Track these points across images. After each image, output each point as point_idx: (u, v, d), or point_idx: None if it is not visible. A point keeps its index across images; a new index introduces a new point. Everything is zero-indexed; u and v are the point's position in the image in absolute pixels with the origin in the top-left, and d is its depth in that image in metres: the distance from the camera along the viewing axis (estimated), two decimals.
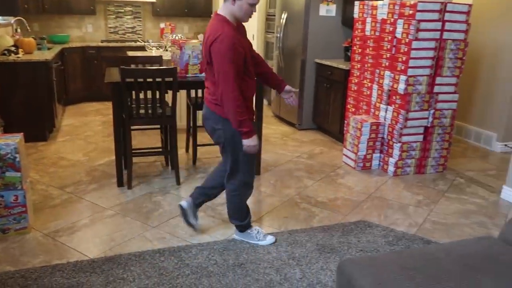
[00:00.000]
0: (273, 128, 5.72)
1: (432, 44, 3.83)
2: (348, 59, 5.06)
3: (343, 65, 4.89)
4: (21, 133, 2.93)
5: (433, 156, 4.15)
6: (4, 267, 2.49)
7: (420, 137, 4.08)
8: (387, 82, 4.09)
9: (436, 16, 3.78)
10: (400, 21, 3.86)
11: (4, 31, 5.30)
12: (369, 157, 4.21)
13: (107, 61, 6.67)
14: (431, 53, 3.85)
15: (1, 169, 2.73)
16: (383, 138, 4.20)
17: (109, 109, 6.24)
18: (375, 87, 4.27)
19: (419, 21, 3.74)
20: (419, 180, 3.99)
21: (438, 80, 3.95)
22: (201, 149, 4.63)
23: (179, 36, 5.68)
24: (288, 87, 2.85)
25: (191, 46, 3.76)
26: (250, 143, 2.47)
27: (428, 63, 3.87)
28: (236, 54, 2.35)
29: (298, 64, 5.49)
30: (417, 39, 3.77)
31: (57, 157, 4.34)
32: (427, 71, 3.89)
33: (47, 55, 5.02)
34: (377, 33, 4.19)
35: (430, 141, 4.10)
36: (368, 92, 4.38)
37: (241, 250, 2.71)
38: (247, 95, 2.50)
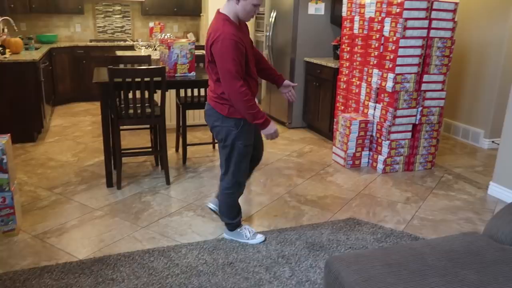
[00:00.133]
0: None
1: (419, 42, 3.86)
2: (337, 57, 5.09)
3: (332, 64, 4.91)
4: (8, 134, 2.90)
5: (421, 153, 4.19)
6: None
7: (408, 135, 4.11)
8: (375, 80, 4.11)
9: (423, 14, 3.81)
10: (388, 20, 3.89)
11: None
12: (358, 154, 4.23)
13: (96, 61, 6.63)
14: (418, 51, 3.88)
15: None
16: (372, 135, 4.22)
17: (98, 109, 6.20)
18: (363, 85, 4.30)
19: (406, 19, 3.77)
20: (407, 177, 4.03)
21: (426, 77, 3.99)
22: (191, 149, 4.63)
23: (168, 36, 5.66)
24: (287, 81, 2.87)
25: (180, 46, 3.76)
26: (268, 131, 2.53)
27: (416, 61, 3.90)
28: (238, 52, 2.36)
29: (288, 62, 5.50)
30: (404, 37, 3.80)
31: (45, 158, 4.31)
32: (415, 69, 3.92)
33: (35, 55, 4.98)
34: (365, 32, 4.22)
35: (418, 139, 4.14)
36: (357, 90, 4.40)
37: (230, 249, 2.72)
38: (254, 97, 2.54)
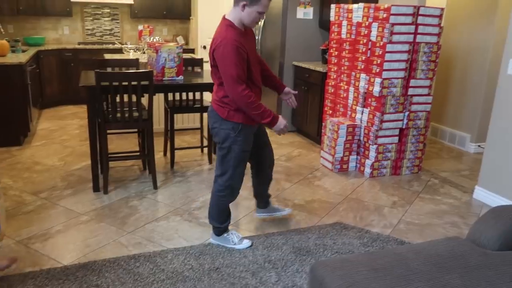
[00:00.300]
0: None
1: (406, 47, 3.89)
2: (325, 61, 5.11)
3: (320, 68, 4.93)
4: None
5: (408, 158, 4.22)
6: None
7: (396, 139, 4.14)
8: (362, 84, 4.14)
9: (409, 19, 3.85)
10: (375, 24, 3.92)
11: None
12: (346, 159, 4.25)
13: (84, 63, 6.59)
14: (405, 56, 3.91)
15: None
16: (359, 140, 4.25)
17: (86, 112, 6.14)
18: (351, 89, 4.33)
19: (393, 24, 3.80)
20: (394, 181, 4.05)
21: (412, 82, 4.02)
22: (179, 153, 4.61)
23: (156, 39, 5.65)
24: (287, 88, 2.92)
25: (167, 49, 3.75)
26: (278, 128, 2.60)
27: (402, 65, 3.94)
28: (239, 57, 2.39)
29: (277, 66, 5.51)
30: (391, 42, 3.83)
31: (31, 162, 4.27)
32: (402, 74, 3.96)
33: (22, 57, 4.93)
34: (353, 36, 4.25)
35: (405, 143, 4.17)
36: (345, 95, 4.43)
37: (217, 254, 2.71)
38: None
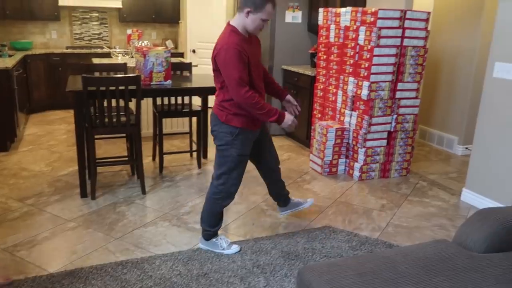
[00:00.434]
0: None
1: (393, 51, 3.92)
2: (314, 65, 5.13)
3: (309, 71, 4.94)
4: None
5: (397, 160, 4.24)
6: None
7: (384, 142, 4.16)
8: (351, 88, 4.15)
9: (396, 23, 3.87)
10: (362, 28, 3.94)
11: None
12: (335, 162, 4.26)
13: (72, 68, 6.53)
14: (392, 60, 3.94)
15: None
16: (348, 143, 4.26)
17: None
18: (340, 93, 4.34)
19: (380, 28, 3.82)
20: (383, 184, 4.06)
21: (400, 85, 4.05)
22: (168, 157, 4.59)
23: (145, 43, 5.62)
24: (289, 96, 2.91)
25: (155, 54, 3.73)
26: (286, 124, 2.63)
27: (390, 69, 3.96)
28: (241, 61, 2.43)
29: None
30: (378, 45, 3.85)
31: (18, 168, 4.21)
32: (389, 77, 3.98)
33: (8, 62, 4.88)
34: (341, 40, 4.26)
35: (394, 146, 4.19)
36: (333, 98, 4.44)
37: (205, 260, 2.69)
38: None
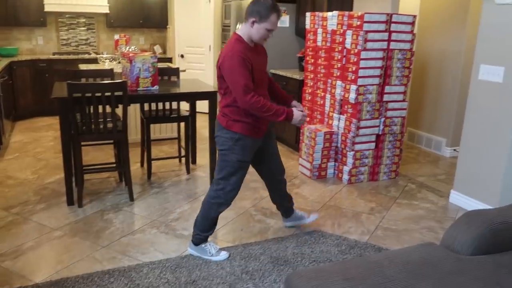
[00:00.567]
0: None
1: (380, 54, 3.93)
2: (302, 69, 5.13)
3: (297, 75, 4.95)
4: None
5: (386, 163, 4.25)
6: None
7: (372, 145, 4.17)
8: (339, 91, 4.16)
9: (382, 27, 3.89)
10: (349, 32, 3.96)
11: None
12: (324, 166, 4.26)
13: (59, 74, 6.47)
14: (379, 63, 3.95)
15: None
16: (337, 147, 4.26)
17: None
18: (328, 96, 4.35)
19: (367, 31, 3.84)
20: (372, 188, 4.07)
21: (387, 89, 4.07)
22: (156, 163, 4.55)
23: (133, 48, 5.59)
24: (294, 102, 2.91)
25: (142, 59, 3.71)
26: (296, 120, 2.63)
27: (377, 72, 3.97)
28: (245, 67, 2.46)
29: None
30: (365, 49, 3.87)
31: (3, 176, 4.15)
32: (376, 81, 3.99)
33: None
34: (328, 44, 4.28)
35: (382, 149, 4.20)
36: (322, 102, 4.45)
37: (193, 267, 2.67)
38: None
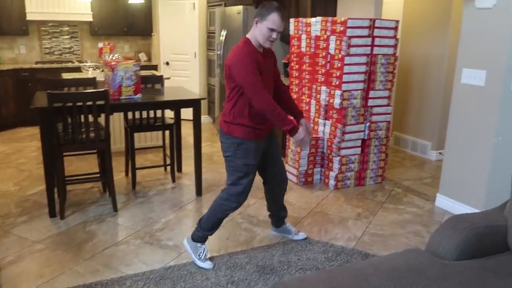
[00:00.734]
0: (217, 146, 5.66)
1: (364, 59, 3.94)
2: (287, 75, 5.13)
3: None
4: None
5: (372, 168, 4.25)
6: None
7: (358, 150, 4.16)
8: (323, 97, 4.16)
9: (366, 32, 3.90)
10: (333, 38, 3.96)
11: None
12: (310, 172, 4.24)
13: (42, 83, 6.37)
14: (363, 68, 3.96)
15: None
16: (323, 152, 4.25)
17: None
18: (313, 102, 4.34)
19: (350, 37, 3.85)
20: (359, 193, 4.06)
21: (372, 93, 4.07)
22: (141, 172, 4.49)
23: (117, 56, 5.53)
24: (303, 120, 2.84)
25: (124, 68, 3.66)
26: (298, 137, 2.66)
27: (361, 77, 3.98)
28: (253, 66, 2.49)
29: None
30: (349, 54, 3.87)
31: None
32: (361, 86, 4.00)
33: None
34: (312, 50, 4.27)
35: (368, 153, 4.20)
36: (307, 107, 4.44)
37: (178, 278, 2.62)
38: (265, 118, 2.61)
